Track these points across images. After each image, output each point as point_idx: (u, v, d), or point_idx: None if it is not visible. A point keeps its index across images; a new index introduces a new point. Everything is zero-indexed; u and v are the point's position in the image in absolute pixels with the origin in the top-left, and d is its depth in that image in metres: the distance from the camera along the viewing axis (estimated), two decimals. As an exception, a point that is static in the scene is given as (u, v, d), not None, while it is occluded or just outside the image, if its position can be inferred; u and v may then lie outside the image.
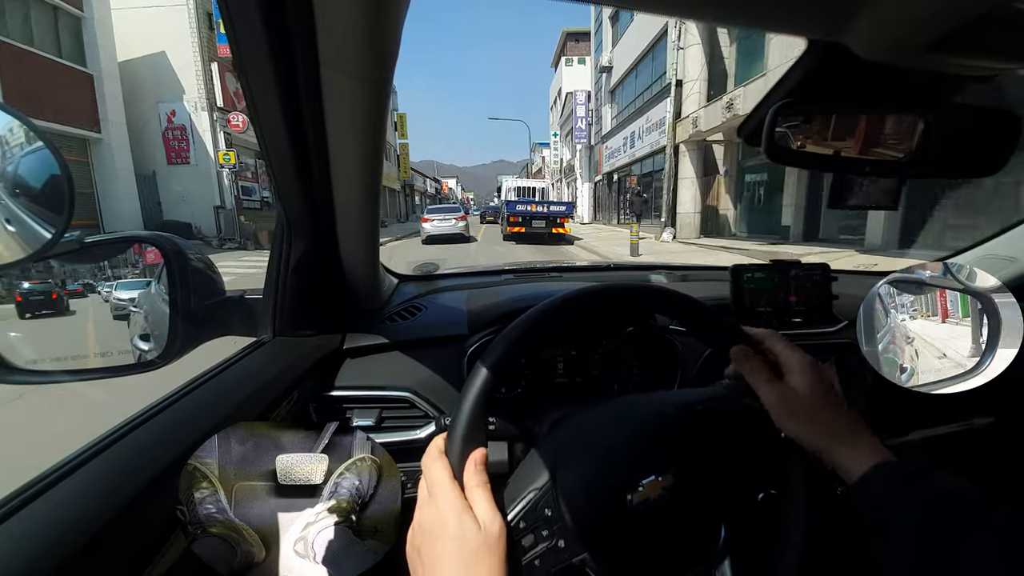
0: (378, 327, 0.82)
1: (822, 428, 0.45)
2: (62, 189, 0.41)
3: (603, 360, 0.84)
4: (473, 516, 0.36)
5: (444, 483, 0.38)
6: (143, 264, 0.65)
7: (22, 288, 0.55)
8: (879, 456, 0.42)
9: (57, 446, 0.46)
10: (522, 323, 0.45)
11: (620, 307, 0.77)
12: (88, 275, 0.62)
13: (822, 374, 0.47)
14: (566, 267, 1.33)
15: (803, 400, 0.46)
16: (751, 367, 0.48)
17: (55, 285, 0.57)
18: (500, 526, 0.36)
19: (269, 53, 0.42)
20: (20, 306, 0.54)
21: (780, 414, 0.46)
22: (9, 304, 0.54)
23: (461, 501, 0.37)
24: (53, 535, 0.32)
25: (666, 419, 0.46)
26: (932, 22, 0.24)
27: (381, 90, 0.44)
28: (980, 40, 0.25)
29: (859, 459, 0.42)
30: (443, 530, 0.35)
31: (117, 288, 0.64)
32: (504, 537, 0.36)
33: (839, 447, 0.44)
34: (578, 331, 0.82)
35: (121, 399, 0.63)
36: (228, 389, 0.56)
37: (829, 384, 0.47)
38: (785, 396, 0.46)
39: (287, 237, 0.68)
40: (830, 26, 0.28)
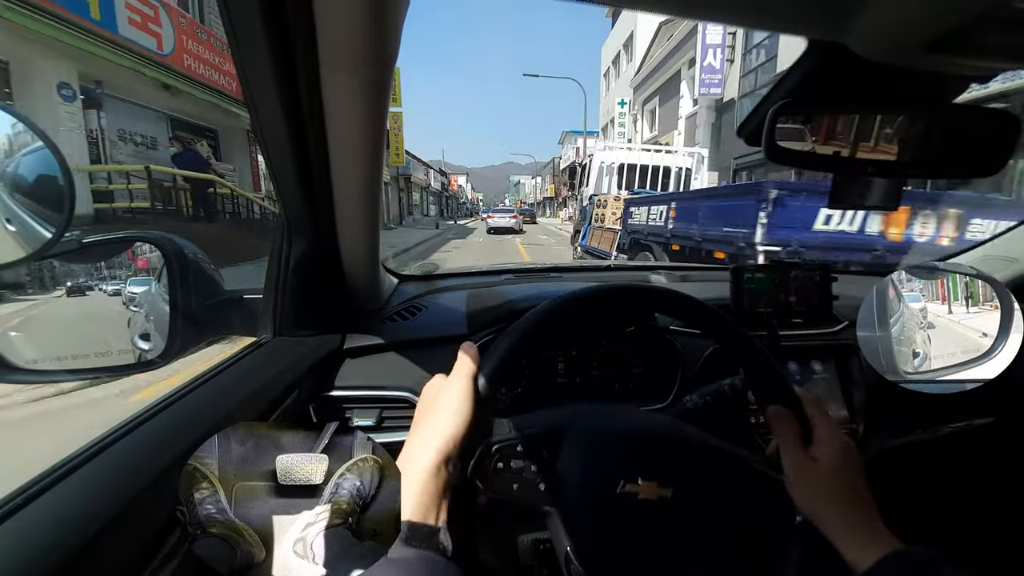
0: (378, 327, 0.82)
1: (837, 513, 0.42)
2: (62, 189, 0.41)
3: (603, 360, 0.84)
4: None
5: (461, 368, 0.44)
6: (135, 267, 0.65)
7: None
8: (888, 547, 0.39)
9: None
10: (524, 323, 0.45)
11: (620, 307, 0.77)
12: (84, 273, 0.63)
13: (850, 453, 0.45)
14: (566, 267, 1.33)
15: (824, 476, 0.43)
16: (783, 428, 0.46)
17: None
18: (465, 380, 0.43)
19: (269, 53, 0.43)
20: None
21: (798, 487, 0.44)
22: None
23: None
24: (53, 535, 0.32)
25: (684, 442, 0.47)
26: (931, 22, 0.24)
27: (381, 90, 0.44)
28: (979, 40, 0.25)
29: (868, 552, 0.39)
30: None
31: (129, 284, 0.65)
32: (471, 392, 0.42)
33: (849, 536, 0.41)
34: (578, 331, 0.82)
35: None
36: (228, 389, 0.56)
37: (856, 466, 0.44)
38: (808, 468, 0.44)
39: (287, 237, 0.68)
40: (830, 26, 0.28)
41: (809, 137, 0.39)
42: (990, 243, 1.07)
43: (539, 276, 1.25)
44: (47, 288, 0.57)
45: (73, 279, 0.60)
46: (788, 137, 0.39)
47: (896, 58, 0.27)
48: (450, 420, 0.41)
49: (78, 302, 0.59)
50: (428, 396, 0.45)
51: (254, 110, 0.50)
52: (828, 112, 0.39)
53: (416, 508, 0.37)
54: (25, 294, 0.56)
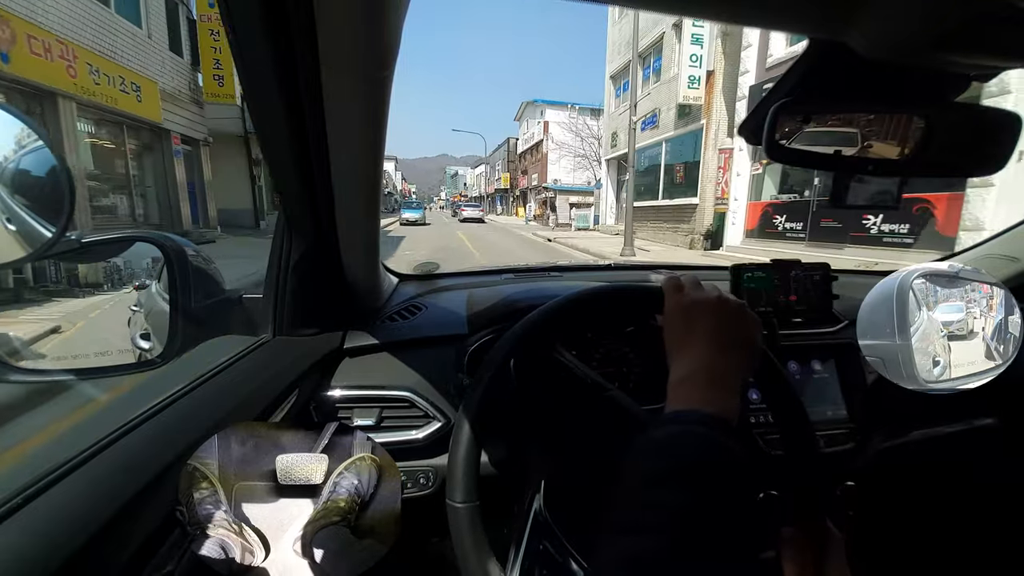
0: (378, 327, 0.82)
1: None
2: (62, 189, 0.41)
3: (603, 360, 0.84)
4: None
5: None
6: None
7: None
8: None
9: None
10: (529, 322, 0.45)
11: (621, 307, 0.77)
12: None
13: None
14: (566, 267, 1.33)
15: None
16: (795, 558, 0.43)
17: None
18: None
19: (269, 53, 0.42)
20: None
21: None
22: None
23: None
24: (53, 534, 0.32)
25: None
26: (933, 20, 0.24)
27: (381, 89, 0.44)
28: (981, 38, 0.25)
29: None
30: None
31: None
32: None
33: None
34: (578, 331, 0.82)
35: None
36: (228, 389, 0.56)
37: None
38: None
39: (287, 237, 0.68)
40: (831, 24, 0.28)
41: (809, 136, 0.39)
42: (991, 242, 1.07)
43: (539, 275, 1.25)
44: (116, 286, 0.65)
45: (138, 279, 0.66)
46: (789, 136, 0.39)
47: (898, 56, 0.27)
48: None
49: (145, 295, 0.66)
50: (732, 311, 0.46)
51: (254, 110, 0.50)
52: (829, 111, 0.39)
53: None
54: (101, 292, 0.64)
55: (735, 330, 0.44)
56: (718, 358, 0.42)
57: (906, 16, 0.25)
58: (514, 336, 0.45)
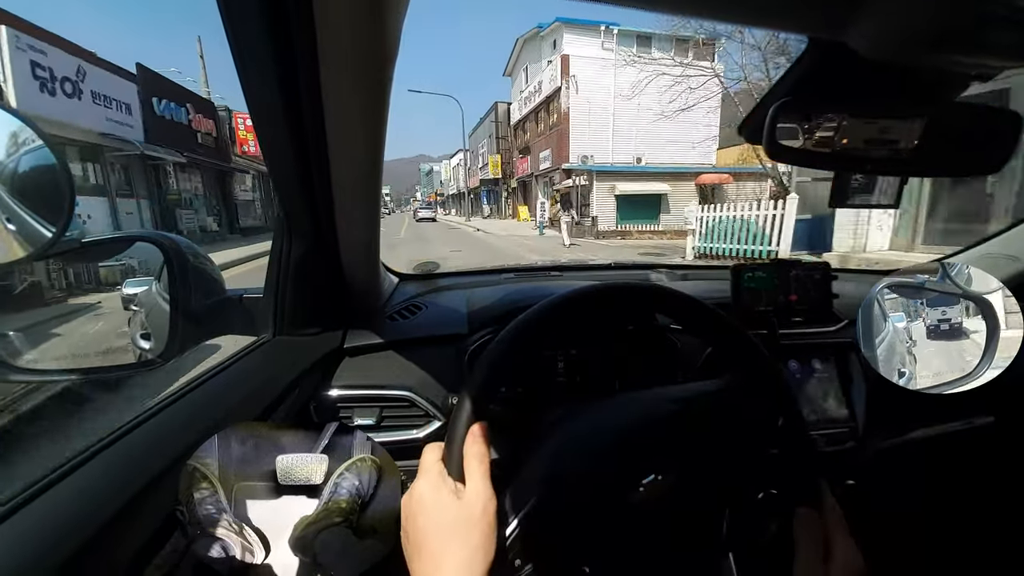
0: (378, 326, 0.82)
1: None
2: (62, 189, 0.41)
3: (603, 360, 0.84)
4: (450, 490, 0.36)
5: (428, 463, 0.39)
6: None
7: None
8: None
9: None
10: (522, 322, 0.45)
11: (620, 307, 0.77)
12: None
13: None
14: (566, 266, 1.32)
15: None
16: (807, 534, 0.43)
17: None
18: (485, 501, 0.36)
19: (269, 52, 0.42)
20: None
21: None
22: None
23: (438, 478, 0.37)
24: (53, 534, 0.32)
25: (661, 417, 0.47)
26: (933, 20, 0.24)
27: (381, 89, 0.44)
28: (980, 38, 0.25)
29: None
30: (420, 507, 0.36)
31: (127, 284, 0.69)
32: (490, 512, 0.36)
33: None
34: (578, 331, 0.82)
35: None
36: (228, 389, 0.56)
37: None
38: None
39: (287, 237, 0.67)
40: (831, 24, 0.28)
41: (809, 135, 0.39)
42: (990, 241, 1.07)
43: (539, 275, 1.25)
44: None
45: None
46: (789, 135, 0.39)
47: (898, 55, 0.27)
48: (483, 551, 0.35)
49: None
50: (430, 512, 0.36)
51: (254, 110, 0.50)
52: (829, 110, 0.39)
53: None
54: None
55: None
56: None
57: (907, 16, 0.25)
58: (508, 337, 0.44)
